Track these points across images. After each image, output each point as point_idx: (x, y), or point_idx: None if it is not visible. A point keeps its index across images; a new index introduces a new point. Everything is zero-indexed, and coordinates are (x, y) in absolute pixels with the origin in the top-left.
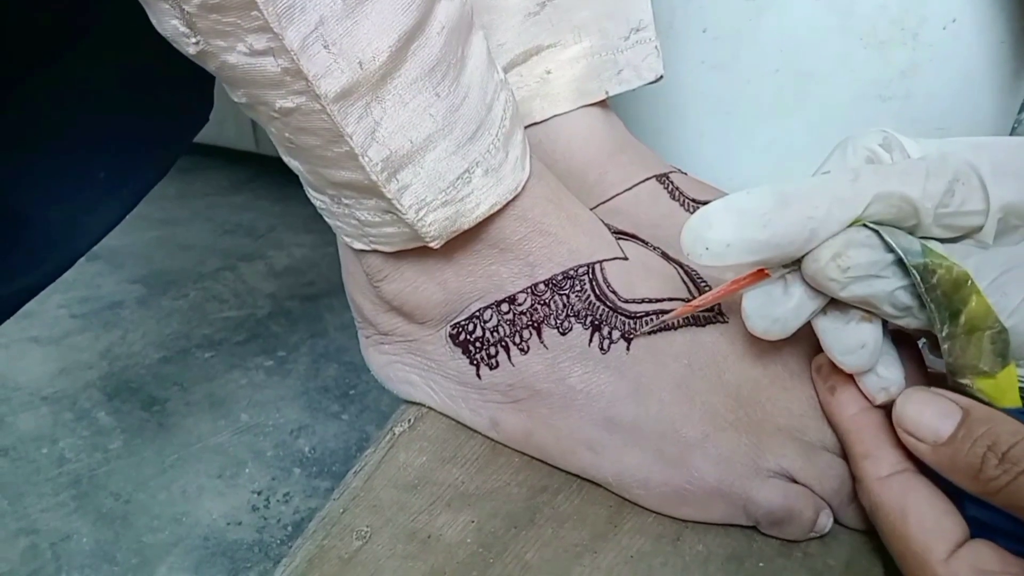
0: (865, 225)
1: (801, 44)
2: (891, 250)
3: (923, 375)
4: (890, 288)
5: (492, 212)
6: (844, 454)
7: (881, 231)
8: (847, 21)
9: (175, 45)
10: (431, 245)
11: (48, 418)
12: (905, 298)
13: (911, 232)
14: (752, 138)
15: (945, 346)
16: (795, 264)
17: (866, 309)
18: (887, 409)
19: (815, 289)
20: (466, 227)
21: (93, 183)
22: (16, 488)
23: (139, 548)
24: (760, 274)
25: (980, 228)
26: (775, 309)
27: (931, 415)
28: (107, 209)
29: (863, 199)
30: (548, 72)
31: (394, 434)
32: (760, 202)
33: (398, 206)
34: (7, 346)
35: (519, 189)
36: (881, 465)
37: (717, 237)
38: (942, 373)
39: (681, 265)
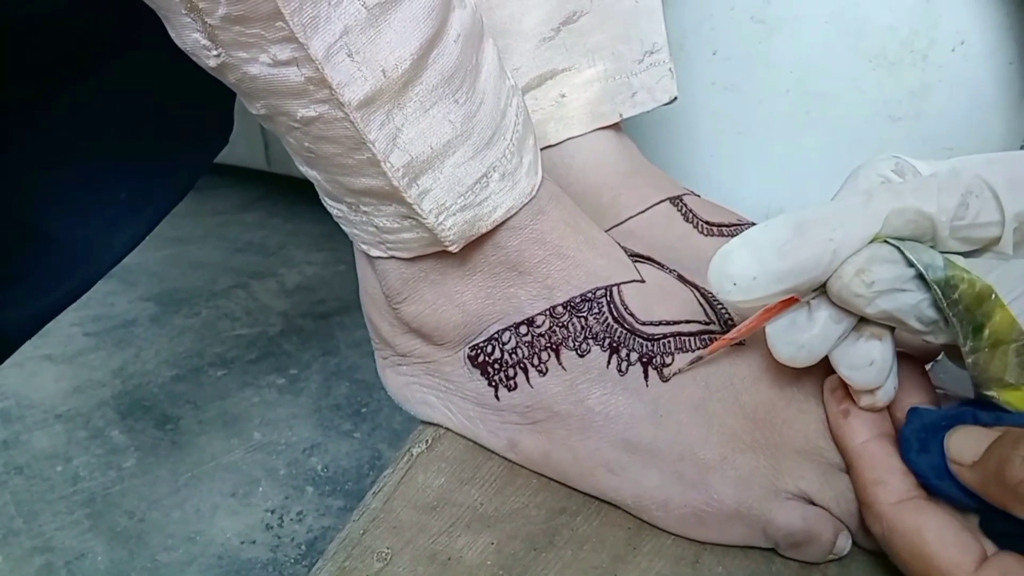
0: (886, 241)
1: (812, 65)
2: (912, 264)
3: (930, 395)
4: (914, 301)
5: (509, 216)
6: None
7: (902, 246)
8: (857, 42)
9: (194, 58)
10: (449, 249)
11: (62, 436)
12: (931, 312)
13: (932, 247)
14: (764, 159)
15: (969, 359)
16: (821, 289)
17: (892, 326)
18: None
19: (839, 313)
20: (484, 231)
21: (115, 203)
22: (31, 506)
23: (153, 567)
24: (790, 302)
25: (998, 239)
26: (800, 335)
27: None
28: (128, 229)
29: (879, 216)
30: (562, 96)
31: (412, 455)
32: (777, 232)
33: (418, 211)
34: (21, 364)
35: (534, 192)
36: (892, 492)
37: (741, 272)
38: (945, 394)
39: (698, 287)
